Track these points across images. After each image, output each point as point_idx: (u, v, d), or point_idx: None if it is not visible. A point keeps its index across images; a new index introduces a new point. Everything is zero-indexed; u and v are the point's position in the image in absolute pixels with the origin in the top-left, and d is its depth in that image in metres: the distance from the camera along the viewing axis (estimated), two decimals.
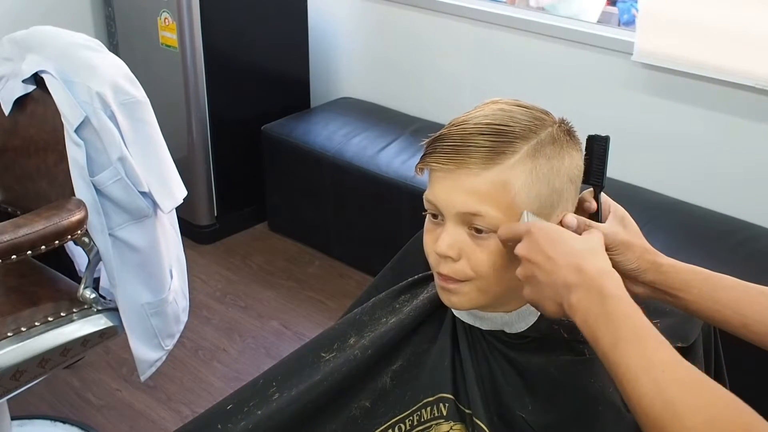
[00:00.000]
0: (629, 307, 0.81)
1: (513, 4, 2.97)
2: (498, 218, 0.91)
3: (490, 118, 0.94)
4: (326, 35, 3.32)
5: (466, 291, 0.96)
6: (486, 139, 0.91)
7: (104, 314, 1.69)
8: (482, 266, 0.94)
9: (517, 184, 0.91)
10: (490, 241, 0.93)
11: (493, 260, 0.93)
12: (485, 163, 0.91)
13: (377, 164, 2.72)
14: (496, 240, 0.92)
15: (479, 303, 0.98)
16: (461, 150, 0.91)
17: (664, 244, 2.26)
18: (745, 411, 0.72)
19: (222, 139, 3.02)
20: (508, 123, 0.93)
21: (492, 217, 0.91)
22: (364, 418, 1.03)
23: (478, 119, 0.94)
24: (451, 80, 2.98)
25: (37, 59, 1.67)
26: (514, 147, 0.91)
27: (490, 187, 0.91)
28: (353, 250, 2.93)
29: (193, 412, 2.23)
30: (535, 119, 0.95)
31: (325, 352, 1.10)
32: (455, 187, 0.92)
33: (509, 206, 0.91)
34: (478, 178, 0.91)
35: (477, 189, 0.91)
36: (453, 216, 0.94)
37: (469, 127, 0.93)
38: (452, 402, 1.00)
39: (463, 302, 0.98)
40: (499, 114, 0.94)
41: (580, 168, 0.98)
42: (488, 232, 0.92)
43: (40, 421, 2.18)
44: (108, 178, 1.61)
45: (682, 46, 2.34)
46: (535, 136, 0.93)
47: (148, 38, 2.92)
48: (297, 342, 2.52)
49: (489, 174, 0.91)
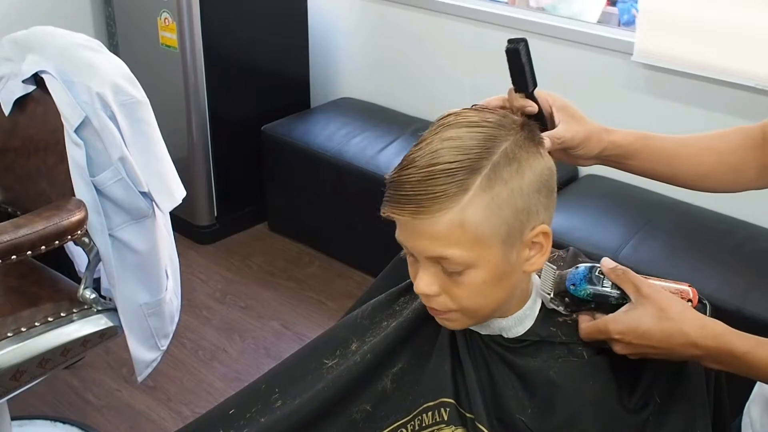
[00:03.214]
0: (763, 347, 0.91)
1: (513, 4, 2.97)
2: (466, 256, 0.90)
3: (437, 156, 0.89)
4: (326, 35, 3.32)
5: (455, 318, 0.97)
6: (434, 184, 0.87)
7: (104, 314, 1.69)
8: (462, 300, 0.94)
9: (475, 221, 0.88)
10: (465, 277, 0.92)
11: (471, 293, 0.93)
12: (438, 210, 0.88)
13: (377, 164, 2.71)
14: (472, 274, 0.91)
15: (473, 323, 1.00)
16: (412, 199, 0.88)
17: (664, 244, 2.27)
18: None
19: (222, 139, 3.02)
20: (456, 158, 0.88)
21: (459, 256, 0.90)
22: (365, 421, 1.03)
23: (426, 159, 0.89)
24: (451, 80, 2.98)
25: (37, 59, 1.67)
26: (464, 185, 0.88)
27: (448, 230, 0.88)
28: (353, 250, 2.93)
29: (193, 413, 2.23)
30: (488, 140, 0.90)
31: (327, 359, 1.10)
32: (416, 234, 0.91)
33: (474, 242, 0.89)
34: (435, 224, 0.88)
35: (436, 233, 0.89)
36: (424, 258, 0.93)
37: (415, 172, 0.89)
38: (453, 406, 1.00)
39: (456, 326, 0.99)
40: (446, 147, 0.89)
41: (548, 170, 0.95)
42: (461, 271, 0.91)
43: (40, 421, 2.18)
44: (108, 178, 1.61)
45: (682, 46, 2.33)
46: (487, 163, 0.89)
47: (148, 38, 2.92)
48: (297, 342, 2.52)
49: (444, 218, 0.88)
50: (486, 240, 0.90)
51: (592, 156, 1.09)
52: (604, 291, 0.97)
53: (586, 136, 1.06)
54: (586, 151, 1.07)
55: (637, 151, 1.10)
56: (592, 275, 0.97)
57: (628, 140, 1.10)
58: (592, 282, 0.97)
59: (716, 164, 1.14)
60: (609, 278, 0.97)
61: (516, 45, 1.01)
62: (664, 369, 0.98)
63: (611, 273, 0.97)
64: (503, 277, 0.93)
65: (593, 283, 0.97)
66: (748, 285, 2.05)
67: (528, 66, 1.03)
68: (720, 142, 1.15)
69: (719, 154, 1.14)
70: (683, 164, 1.13)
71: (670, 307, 0.93)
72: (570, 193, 2.52)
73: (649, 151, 1.11)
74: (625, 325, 0.93)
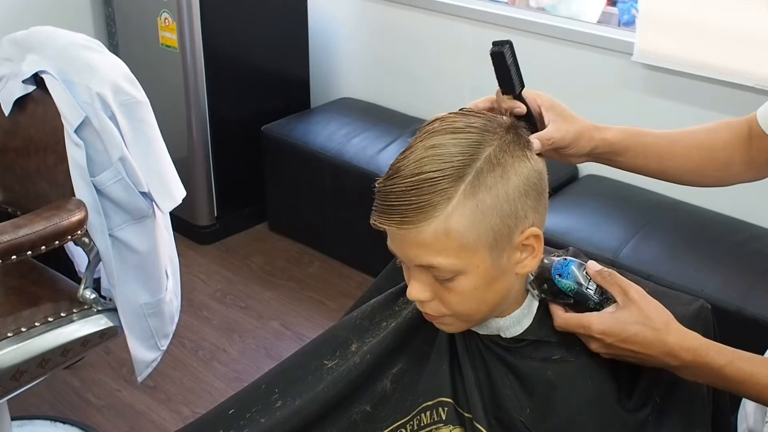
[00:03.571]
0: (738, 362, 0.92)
1: (513, 4, 2.98)
2: (454, 264, 0.90)
3: (420, 165, 0.89)
4: (326, 35, 3.32)
5: (450, 322, 0.98)
6: (416, 194, 0.88)
7: (104, 314, 1.69)
8: (454, 306, 0.94)
9: (460, 228, 0.88)
10: (455, 283, 0.92)
11: (463, 299, 0.93)
12: (422, 219, 0.88)
13: (377, 164, 2.71)
14: (462, 281, 0.92)
15: (468, 327, 1.00)
16: (396, 210, 0.89)
17: (664, 244, 2.27)
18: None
19: (222, 139, 3.02)
20: (438, 167, 0.88)
21: (447, 264, 0.90)
22: (364, 422, 1.03)
23: (410, 169, 0.89)
24: (451, 80, 2.98)
25: (37, 59, 1.67)
26: (447, 194, 0.88)
27: (434, 239, 0.89)
28: (353, 250, 2.93)
29: (193, 413, 2.23)
30: (471, 146, 0.90)
31: (327, 360, 1.10)
32: (404, 243, 0.92)
33: (461, 250, 0.90)
34: (421, 233, 0.89)
35: (423, 242, 0.89)
36: (414, 266, 0.94)
37: (399, 182, 0.89)
38: (451, 406, 1.00)
39: (451, 329, 1.00)
40: (430, 156, 0.89)
41: (535, 173, 0.94)
42: (451, 277, 0.92)
43: (40, 421, 2.18)
44: (108, 178, 1.61)
45: (682, 46, 2.34)
46: (471, 170, 0.88)
47: (148, 38, 2.92)
48: (297, 342, 2.52)
49: (429, 227, 0.88)
50: (473, 246, 0.90)
51: (583, 154, 1.09)
52: (587, 293, 0.97)
53: (576, 135, 1.06)
54: (577, 149, 1.07)
55: (628, 148, 1.11)
56: (580, 272, 0.98)
57: (618, 137, 1.10)
58: (579, 279, 0.98)
59: (705, 159, 1.15)
60: (595, 281, 0.98)
61: (500, 48, 1.01)
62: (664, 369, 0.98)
63: (597, 275, 0.98)
64: (494, 282, 0.94)
65: (580, 281, 0.98)
66: (748, 285, 2.05)
67: (514, 67, 1.02)
68: (708, 137, 1.16)
69: (708, 150, 1.15)
70: (673, 160, 1.14)
71: (656, 317, 0.94)
72: (570, 193, 2.52)
73: (639, 148, 1.12)
74: (609, 327, 0.94)
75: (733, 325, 0.94)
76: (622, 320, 0.93)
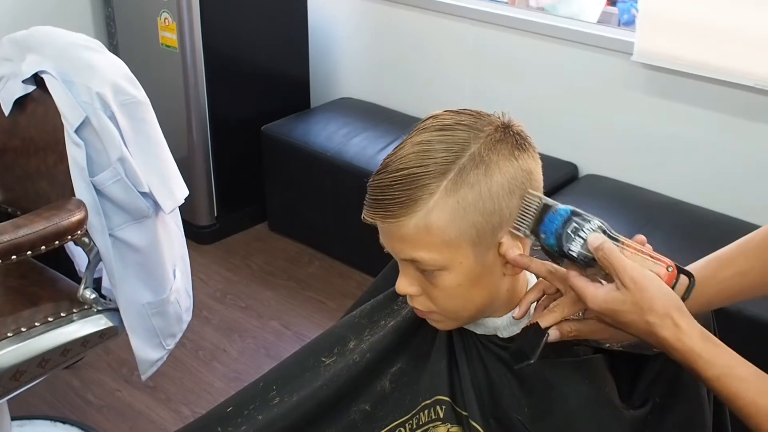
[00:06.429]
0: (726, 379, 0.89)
1: (513, 4, 2.98)
2: (436, 259, 0.91)
3: (406, 161, 0.91)
4: (326, 35, 3.32)
5: (438, 319, 0.99)
6: (399, 189, 0.90)
7: (104, 314, 1.69)
8: (440, 302, 0.95)
9: (441, 224, 0.89)
10: (439, 279, 0.93)
11: (447, 295, 0.94)
12: (404, 214, 0.90)
13: (377, 164, 2.66)
14: (446, 276, 0.92)
15: (457, 325, 1.01)
16: (381, 204, 0.91)
17: (664, 244, 2.26)
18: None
19: (222, 139, 3.02)
20: (422, 163, 0.89)
21: (429, 259, 0.91)
22: (363, 421, 1.03)
23: (396, 164, 0.91)
24: (451, 80, 2.98)
25: (37, 59, 1.67)
26: (429, 189, 0.89)
27: (415, 233, 0.90)
28: (353, 250, 2.93)
29: (193, 413, 2.23)
30: (457, 143, 0.90)
31: (325, 357, 1.10)
32: (389, 236, 0.94)
33: (442, 245, 0.90)
34: (402, 227, 0.90)
35: (405, 236, 0.91)
36: (401, 260, 0.95)
37: (385, 177, 0.91)
38: (449, 404, 1.00)
39: (442, 326, 1.01)
40: (416, 153, 0.91)
41: (523, 172, 0.92)
42: (434, 271, 0.92)
43: (40, 421, 2.18)
44: (108, 178, 1.61)
45: (682, 46, 2.34)
46: (454, 167, 0.89)
47: (148, 38, 2.92)
48: (297, 342, 2.52)
49: (410, 222, 0.90)
50: (455, 243, 0.90)
51: None
52: (570, 253, 0.91)
53: None
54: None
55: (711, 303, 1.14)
56: (564, 231, 0.91)
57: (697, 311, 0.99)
58: (561, 239, 0.91)
59: None
60: (596, 256, 0.91)
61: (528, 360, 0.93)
62: (663, 368, 0.98)
63: (597, 251, 0.91)
64: (479, 279, 0.94)
65: (561, 240, 0.91)
66: None
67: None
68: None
69: None
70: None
71: (653, 308, 0.88)
72: (570, 192, 2.52)
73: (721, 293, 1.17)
74: (604, 309, 0.90)
75: (733, 325, 0.93)
76: (619, 303, 0.89)
